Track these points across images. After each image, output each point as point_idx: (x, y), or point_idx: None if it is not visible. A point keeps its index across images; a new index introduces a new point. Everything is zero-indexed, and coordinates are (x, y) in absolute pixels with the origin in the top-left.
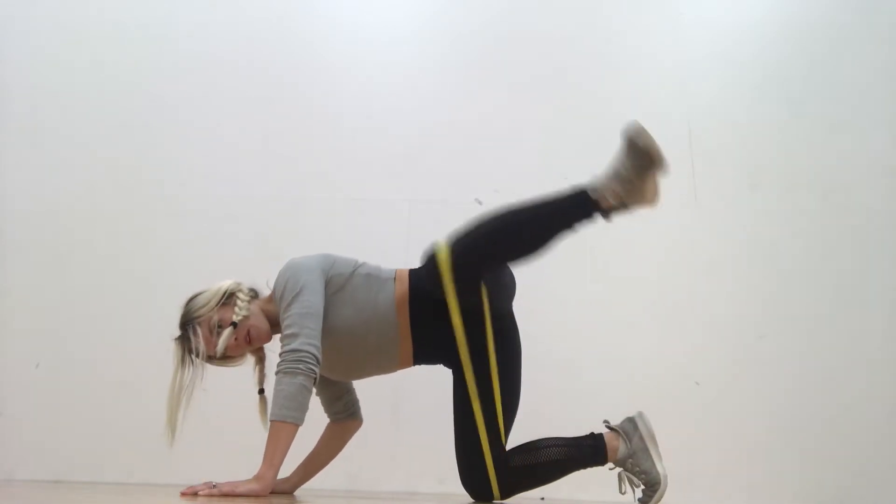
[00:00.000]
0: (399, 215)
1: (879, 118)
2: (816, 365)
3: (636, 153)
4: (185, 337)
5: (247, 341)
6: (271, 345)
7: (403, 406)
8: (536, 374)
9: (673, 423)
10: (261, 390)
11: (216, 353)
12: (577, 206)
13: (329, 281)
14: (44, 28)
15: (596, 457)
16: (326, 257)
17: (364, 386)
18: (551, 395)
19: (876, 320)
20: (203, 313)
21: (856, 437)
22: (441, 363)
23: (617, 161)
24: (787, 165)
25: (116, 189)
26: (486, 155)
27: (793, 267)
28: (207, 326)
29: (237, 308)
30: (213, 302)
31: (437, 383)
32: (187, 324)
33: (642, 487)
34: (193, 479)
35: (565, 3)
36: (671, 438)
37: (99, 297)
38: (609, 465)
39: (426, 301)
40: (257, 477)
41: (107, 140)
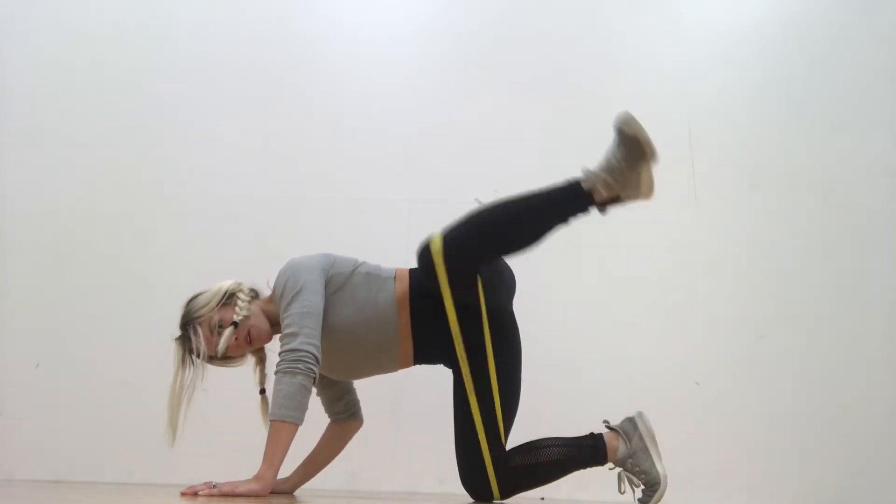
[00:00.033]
0: (399, 215)
1: (879, 118)
2: (816, 365)
3: (625, 142)
4: (185, 337)
5: (247, 341)
6: (272, 345)
7: (403, 406)
8: (536, 373)
9: (673, 423)
10: (262, 390)
11: (217, 354)
12: (570, 198)
13: (329, 280)
14: (44, 28)
15: (596, 457)
16: (326, 257)
17: (364, 386)
18: (551, 394)
19: (876, 320)
20: (204, 313)
21: (856, 437)
22: (441, 363)
23: (609, 152)
24: (787, 165)
25: (116, 189)
26: (486, 155)
27: (793, 267)
28: (208, 326)
29: (238, 308)
30: (214, 302)
31: (437, 383)
32: (188, 324)
33: (642, 487)
34: (193, 479)
35: (565, 3)
36: (671, 438)
37: (99, 297)
38: (609, 465)
39: (427, 300)
40: (257, 477)
41: (107, 140)
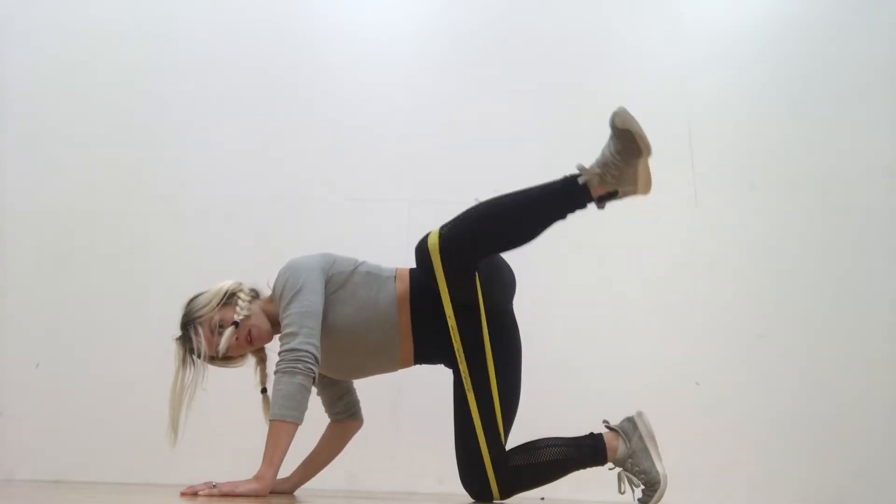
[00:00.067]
0: (399, 215)
1: (879, 118)
2: (816, 365)
3: (619, 136)
4: (186, 337)
5: (248, 341)
6: (272, 345)
7: (403, 406)
8: (536, 373)
9: (673, 423)
10: (263, 389)
11: (218, 353)
12: (567, 194)
13: (329, 280)
14: (44, 28)
15: (595, 457)
16: (326, 256)
17: (364, 386)
18: (551, 394)
19: (876, 320)
20: (204, 313)
21: (856, 437)
22: (441, 363)
23: (604, 146)
24: (787, 165)
25: (116, 189)
26: (486, 155)
27: (793, 267)
28: (209, 326)
29: (238, 308)
30: (215, 302)
31: (437, 383)
32: (188, 324)
33: (642, 487)
34: (193, 479)
35: (565, 3)
36: (671, 438)
37: (99, 297)
38: (609, 464)
39: (427, 299)
40: (257, 477)
41: (107, 140)
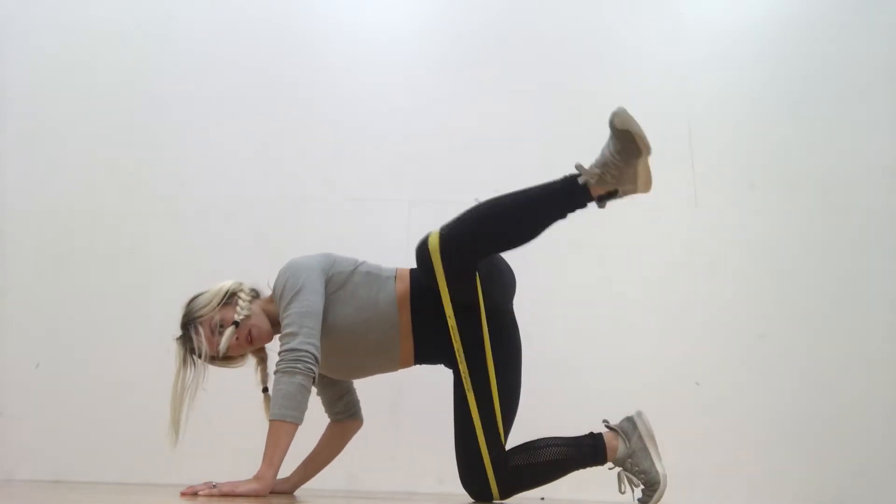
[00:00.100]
0: (399, 215)
1: (879, 118)
2: (816, 365)
3: (618, 136)
4: (186, 337)
5: (248, 341)
6: (272, 344)
7: (403, 406)
8: (536, 373)
9: (673, 423)
10: (265, 389)
11: (218, 353)
12: (567, 193)
13: (329, 280)
14: (44, 28)
15: (595, 456)
16: (326, 256)
17: (364, 386)
18: (551, 394)
19: (876, 320)
20: (205, 313)
21: (856, 437)
22: (442, 363)
23: (604, 146)
24: (787, 165)
25: (116, 189)
26: (486, 155)
27: (793, 267)
28: (209, 326)
29: (239, 308)
30: (215, 302)
31: (437, 383)
32: (189, 324)
33: (642, 487)
34: (193, 479)
35: (565, 3)
36: (671, 438)
37: (99, 297)
38: (608, 464)
39: (427, 299)
40: (257, 477)
41: (107, 140)
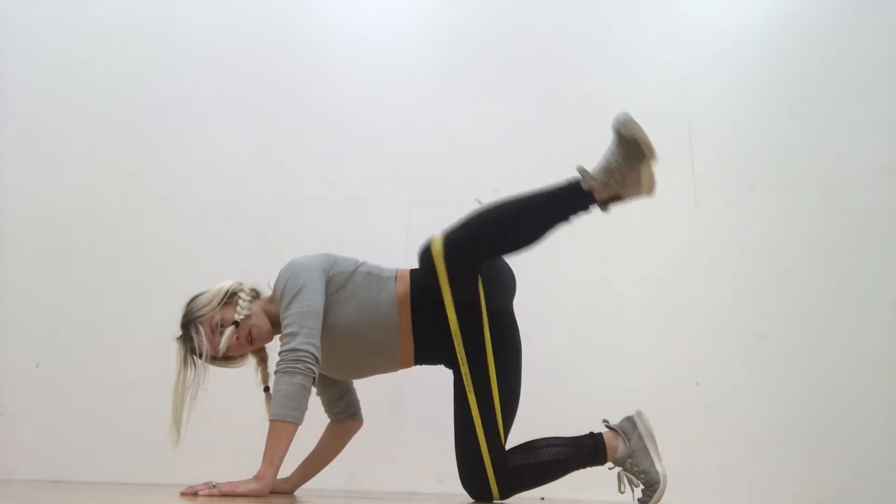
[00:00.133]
0: (399, 215)
1: (879, 118)
2: (816, 365)
3: (624, 143)
4: (186, 336)
5: (248, 341)
6: (273, 344)
7: (403, 406)
8: (536, 373)
9: (673, 423)
10: (266, 388)
11: (218, 353)
12: (570, 198)
13: (330, 280)
14: (44, 28)
15: (595, 456)
16: (327, 257)
17: (364, 386)
18: (551, 394)
19: (876, 320)
20: (205, 313)
21: (856, 437)
22: (442, 363)
23: (608, 152)
24: (787, 165)
25: (116, 189)
26: (486, 155)
27: (793, 267)
28: (209, 326)
29: (239, 308)
30: (215, 301)
31: (437, 383)
32: (189, 323)
33: (641, 487)
34: (193, 479)
35: (565, 3)
36: (671, 438)
37: (99, 297)
38: (608, 464)
39: (428, 300)
40: (257, 477)
41: (107, 140)
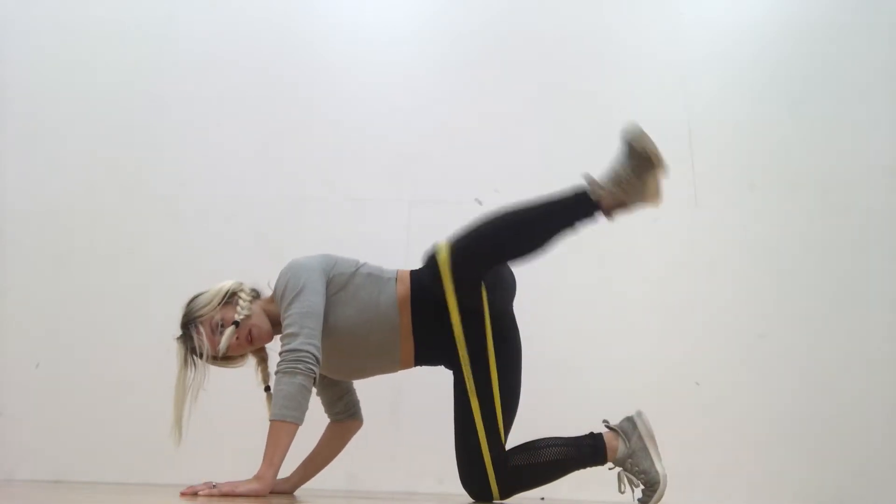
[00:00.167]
0: (399, 215)
1: (879, 118)
2: (816, 365)
3: (635, 156)
4: (187, 336)
5: (248, 341)
6: (273, 344)
7: (403, 406)
8: (536, 373)
9: (673, 423)
10: (267, 388)
11: (218, 353)
12: (577, 207)
13: (330, 281)
14: (44, 28)
15: (595, 456)
16: (328, 257)
17: (364, 386)
18: (551, 394)
19: (876, 320)
20: (205, 312)
21: (856, 437)
22: (442, 364)
23: (616, 163)
24: (787, 165)
25: (116, 189)
26: (486, 155)
27: (793, 267)
28: (209, 326)
29: (239, 308)
30: (216, 301)
31: (437, 383)
32: (189, 323)
33: (642, 487)
34: (193, 479)
35: (565, 3)
36: (671, 438)
37: (99, 297)
38: (608, 464)
39: (428, 301)
40: (257, 476)
41: (107, 140)
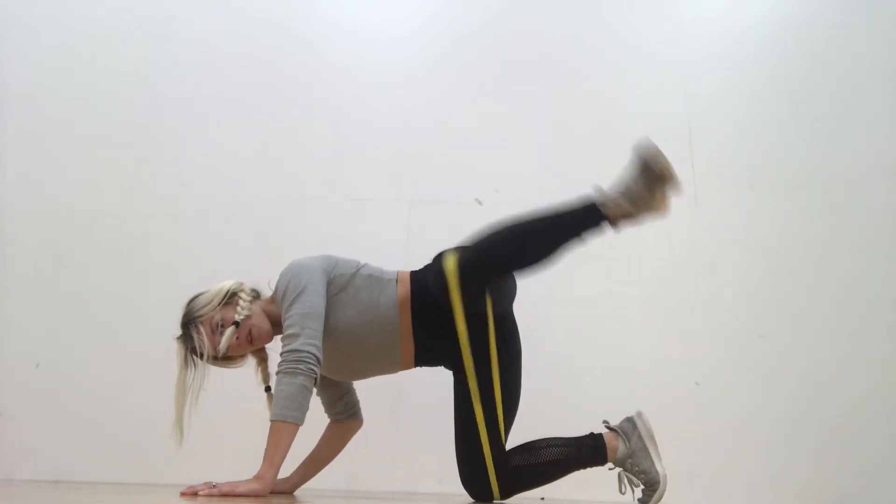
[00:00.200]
0: (399, 215)
1: (879, 118)
2: (816, 365)
3: (649, 173)
4: (187, 336)
5: (248, 341)
6: (273, 344)
7: (403, 406)
8: (536, 374)
9: (673, 423)
10: (267, 388)
11: (219, 353)
12: (585, 218)
13: (331, 282)
14: (44, 28)
15: (595, 457)
16: (328, 258)
17: (364, 386)
18: (551, 395)
19: (876, 320)
20: (205, 312)
21: (856, 437)
22: (442, 365)
23: (628, 178)
24: (787, 165)
25: (116, 189)
26: (486, 155)
27: (793, 267)
28: (209, 325)
29: (239, 308)
30: (216, 301)
31: (436, 384)
32: (189, 323)
33: (642, 487)
34: (193, 479)
35: (565, 3)
36: (671, 438)
37: (99, 297)
38: (609, 465)
39: (428, 303)
40: (257, 477)
41: (107, 140)
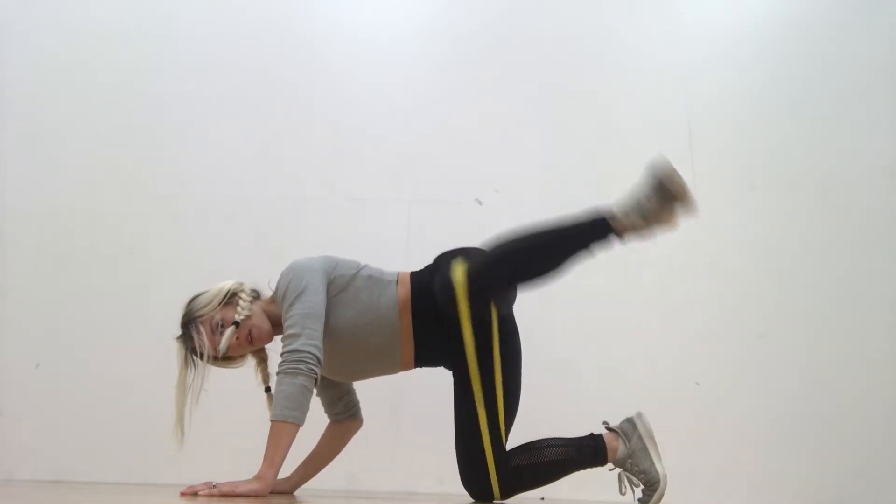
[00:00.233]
0: (399, 215)
1: (879, 118)
2: (816, 365)
3: (663, 191)
4: (187, 336)
5: (248, 341)
6: (273, 345)
7: (403, 406)
8: (537, 374)
9: (673, 423)
10: (267, 388)
11: (219, 353)
12: (595, 233)
13: (332, 282)
14: (44, 28)
15: (595, 457)
16: (329, 259)
17: (364, 386)
18: (551, 395)
19: (876, 320)
20: (205, 312)
21: (856, 437)
22: (442, 365)
23: (640, 194)
24: (787, 165)
25: (116, 189)
26: (486, 155)
27: (793, 267)
28: (209, 325)
29: (239, 308)
30: (216, 301)
31: (436, 384)
32: (189, 323)
33: (642, 487)
34: (193, 479)
35: (565, 3)
36: (671, 438)
37: (99, 297)
38: (609, 465)
39: (428, 304)
40: (258, 477)
41: (107, 140)
